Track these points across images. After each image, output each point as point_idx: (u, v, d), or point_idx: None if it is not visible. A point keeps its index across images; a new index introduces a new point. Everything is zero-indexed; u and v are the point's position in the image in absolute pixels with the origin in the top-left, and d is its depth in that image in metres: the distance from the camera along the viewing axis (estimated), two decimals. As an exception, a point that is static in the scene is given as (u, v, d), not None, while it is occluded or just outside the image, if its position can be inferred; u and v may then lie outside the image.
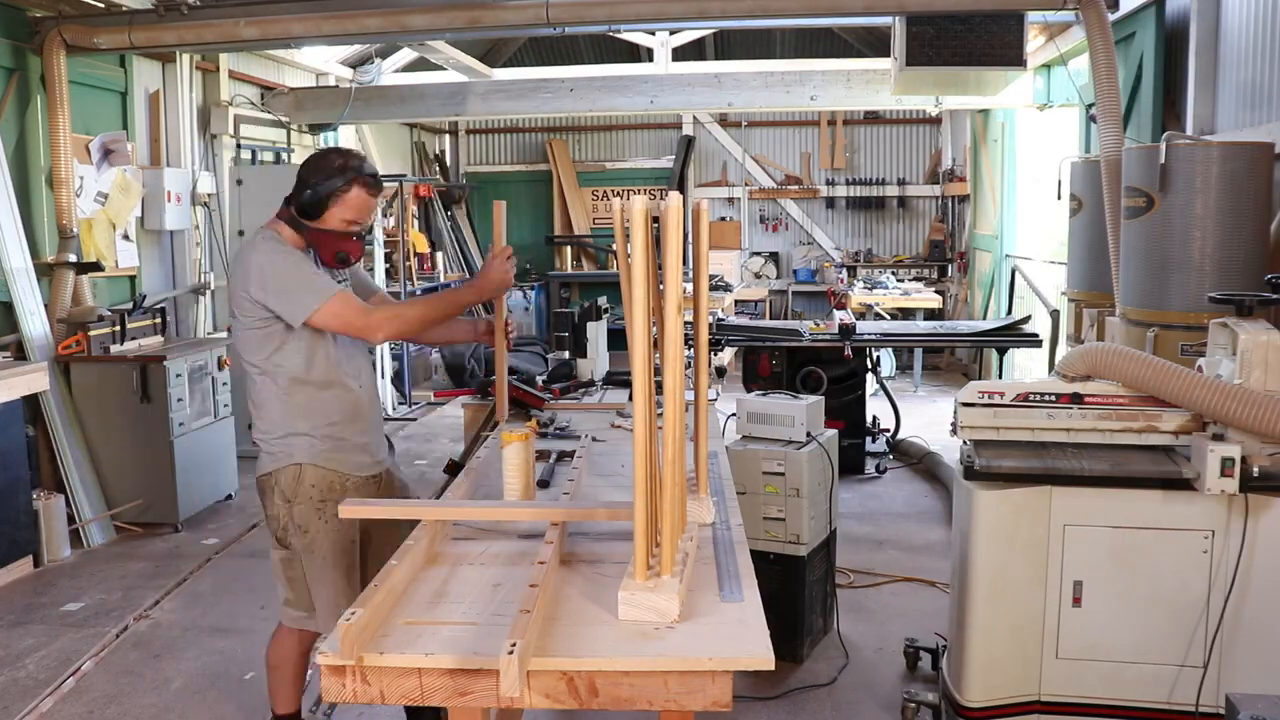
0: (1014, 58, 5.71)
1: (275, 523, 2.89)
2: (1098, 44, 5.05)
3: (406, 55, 9.88)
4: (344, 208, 2.81)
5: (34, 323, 5.61)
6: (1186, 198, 3.80)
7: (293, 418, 2.84)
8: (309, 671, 3.73)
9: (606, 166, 12.77)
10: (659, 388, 1.93)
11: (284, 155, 8.84)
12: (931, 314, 9.81)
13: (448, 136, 13.00)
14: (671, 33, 9.39)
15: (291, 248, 2.83)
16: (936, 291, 10.72)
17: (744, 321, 8.29)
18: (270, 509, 2.90)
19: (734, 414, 4.16)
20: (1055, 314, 6.60)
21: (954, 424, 3.12)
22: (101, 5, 6.21)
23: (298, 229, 2.85)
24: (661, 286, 1.89)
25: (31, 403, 5.36)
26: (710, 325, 6.48)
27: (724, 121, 12.43)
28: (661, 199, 1.84)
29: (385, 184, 10.28)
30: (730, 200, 12.56)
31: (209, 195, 7.55)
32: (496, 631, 1.70)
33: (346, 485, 2.88)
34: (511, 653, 1.54)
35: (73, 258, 5.95)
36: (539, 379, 4.15)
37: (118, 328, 5.87)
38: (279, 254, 2.78)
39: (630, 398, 3.72)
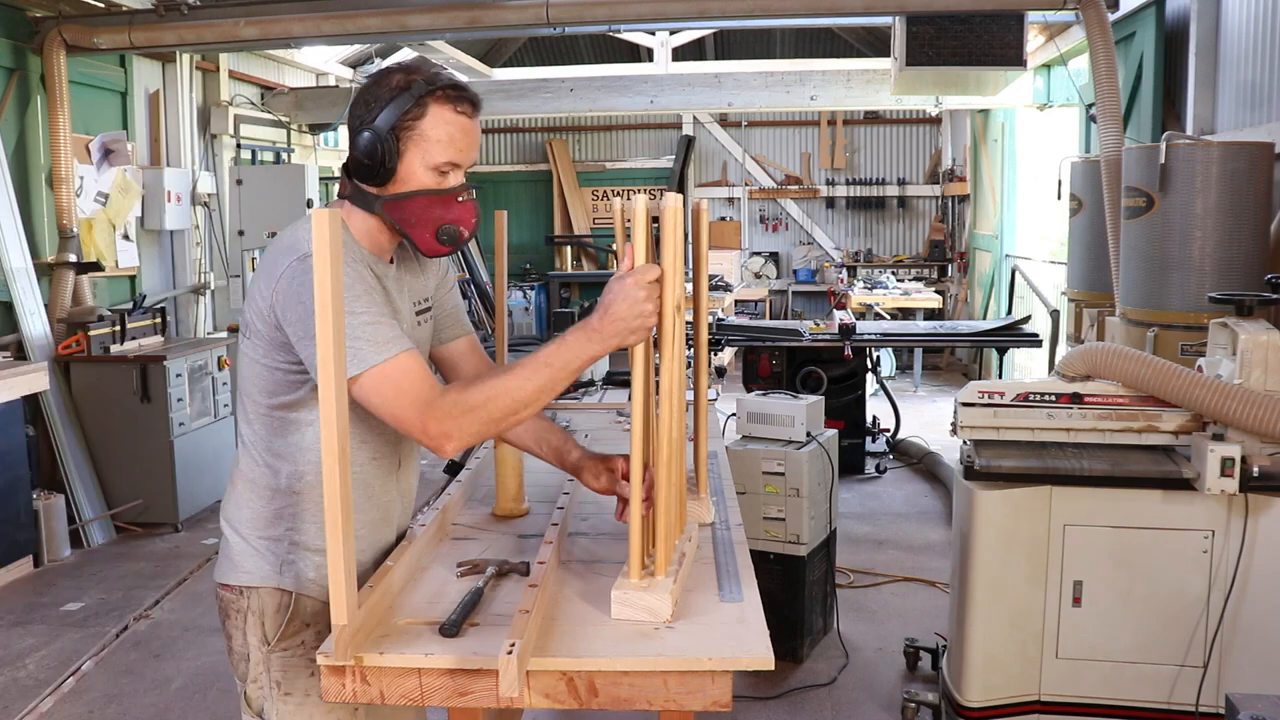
0: (1014, 58, 5.71)
1: (241, 664, 1.87)
2: (1098, 44, 5.05)
3: (406, 55, 9.89)
4: (426, 146, 1.74)
5: (34, 323, 5.61)
6: (1186, 198, 3.80)
7: (298, 512, 1.82)
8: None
9: (606, 166, 12.77)
10: (658, 388, 1.92)
11: (284, 155, 8.84)
12: (931, 314, 9.81)
13: (448, 136, 12.99)
14: (671, 33, 9.39)
15: (353, 249, 1.75)
16: (936, 291, 10.72)
17: (744, 321, 8.28)
18: (235, 642, 1.86)
19: (734, 414, 4.16)
20: (1055, 314, 6.60)
21: (954, 424, 3.12)
22: (101, 5, 6.21)
23: (368, 207, 1.79)
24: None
25: (31, 403, 5.36)
26: (710, 325, 6.48)
27: (724, 121, 12.42)
28: (659, 199, 1.83)
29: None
30: (730, 200, 12.56)
31: (209, 195, 7.55)
32: (496, 631, 1.70)
33: None
34: (511, 653, 1.54)
35: (73, 258, 5.96)
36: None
37: (118, 328, 5.87)
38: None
39: (630, 397, 3.72)
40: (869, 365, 7.03)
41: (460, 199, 1.79)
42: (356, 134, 1.76)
